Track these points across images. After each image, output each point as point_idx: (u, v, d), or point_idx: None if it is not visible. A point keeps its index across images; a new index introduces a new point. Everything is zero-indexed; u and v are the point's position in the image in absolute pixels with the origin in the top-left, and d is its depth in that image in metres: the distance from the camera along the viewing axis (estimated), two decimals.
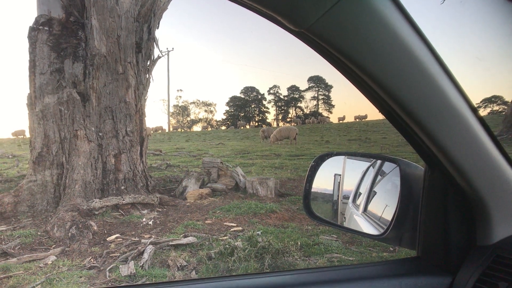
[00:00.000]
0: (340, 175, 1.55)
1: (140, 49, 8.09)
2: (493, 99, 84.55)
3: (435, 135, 0.92)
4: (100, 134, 7.49)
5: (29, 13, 28.92)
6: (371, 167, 1.55)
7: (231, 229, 5.70)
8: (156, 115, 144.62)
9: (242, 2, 0.68)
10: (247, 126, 79.15)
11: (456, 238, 1.13)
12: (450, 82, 0.88)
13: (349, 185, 1.59)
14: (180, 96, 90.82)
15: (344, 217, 1.57)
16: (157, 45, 8.70)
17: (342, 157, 1.57)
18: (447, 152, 0.95)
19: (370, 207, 1.49)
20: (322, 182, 1.55)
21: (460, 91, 0.90)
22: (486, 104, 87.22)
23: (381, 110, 0.94)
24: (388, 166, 1.39)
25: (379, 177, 1.50)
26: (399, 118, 0.93)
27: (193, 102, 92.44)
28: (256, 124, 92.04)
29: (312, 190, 1.50)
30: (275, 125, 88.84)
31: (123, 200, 6.87)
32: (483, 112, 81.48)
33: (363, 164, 1.59)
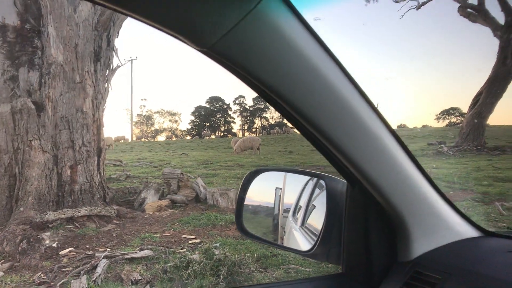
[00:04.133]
0: (281, 188, 1.56)
1: (99, 58, 7.96)
2: (451, 110, 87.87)
3: (348, 153, 0.93)
4: (56, 144, 7.28)
5: None
6: (311, 180, 1.56)
7: (189, 242, 5.65)
8: (119, 124, 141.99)
9: (144, 21, 0.68)
10: (212, 136, 78.84)
11: (378, 254, 1.15)
12: (362, 101, 0.89)
13: (290, 199, 1.60)
14: (144, 105, 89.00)
15: (284, 231, 1.58)
16: (116, 54, 8.59)
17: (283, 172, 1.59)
18: (362, 170, 0.96)
19: (307, 221, 1.50)
20: (265, 196, 1.56)
21: (374, 109, 0.92)
22: (444, 115, 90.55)
23: (297, 128, 0.94)
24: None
25: (317, 190, 1.50)
26: (313, 136, 0.94)
27: (158, 112, 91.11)
28: (222, 134, 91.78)
29: (254, 204, 1.50)
30: (240, 135, 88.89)
31: (79, 212, 6.68)
32: (441, 124, 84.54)
33: (303, 178, 1.60)
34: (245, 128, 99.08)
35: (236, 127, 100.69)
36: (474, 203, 7.88)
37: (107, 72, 8.38)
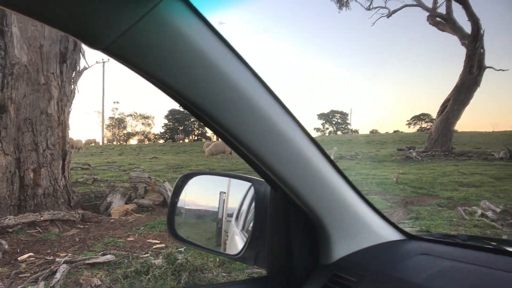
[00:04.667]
0: (225, 193, 1.57)
1: (65, 59, 7.80)
2: (421, 116, 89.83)
3: (262, 156, 0.92)
4: (18, 147, 7.09)
5: None
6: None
7: (154, 246, 5.60)
8: (90, 127, 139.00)
9: (35, 19, 0.65)
10: (186, 140, 78.18)
11: (300, 257, 1.16)
12: (274, 104, 0.89)
13: (234, 203, 1.60)
14: (116, 108, 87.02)
15: (227, 236, 1.59)
16: (83, 56, 8.46)
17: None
18: (277, 174, 0.96)
19: (247, 225, 1.52)
20: (210, 200, 1.56)
21: (288, 113, 0.92)
22: (415, 121, 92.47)
23: (214, 132, 0.91)
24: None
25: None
26: (229, 140, 0.93)
27: (130, 115, 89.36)
28: (196, 138, 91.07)
29: (198, 208, 1.50)
30: (214, 139, 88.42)
31: (41, 216, 6.52)
32: (412, 129, 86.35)
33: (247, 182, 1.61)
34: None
35: (210, 131, 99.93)
36: (438, 208, 8.09)
37: (74, 74, 8.22)
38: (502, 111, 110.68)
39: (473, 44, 22.15)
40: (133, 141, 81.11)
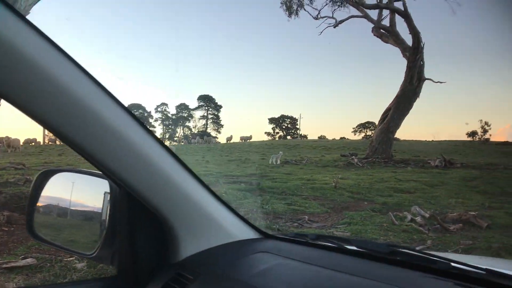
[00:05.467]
0: (109, 193, 1.49)
1: None
2: (367, 124, 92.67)
3: (95, 155, 0.89)
4: None
5: None
6: None
7: None
8: (31, 126, 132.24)
9: None
10: None
11: (147, 256, 1.16)
12: (110, 104, 0.87)
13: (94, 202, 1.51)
14: None
15: None
16: None
17: None
18: (114, 172, 0.94)
19: (103, 225, 1.45)
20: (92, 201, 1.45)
21: (128, 112, 0.91)
22: (360, 129, 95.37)
23: (51, 131, 0.85)
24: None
25: None
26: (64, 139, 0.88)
27: None
28: None
29: (76, 209, 1.41)
30: None
31: None
32: (358, 136, 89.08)
33: None
34: (167, 136, 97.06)
35: (157, 135, 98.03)
36: (372, 213, 8.33)
37: None
38: (442, 122, 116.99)
39: (414, 56, 23.24)
40: None
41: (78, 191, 1.42)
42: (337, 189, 10.93)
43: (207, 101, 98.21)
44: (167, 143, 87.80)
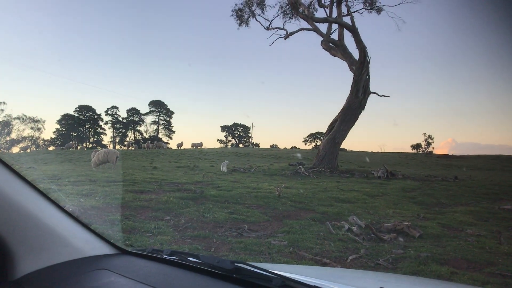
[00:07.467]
0: None
1: None
2: (317, 134, 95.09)
3: None
4: None
5: None
6: None
7: None
8: None
9: None
10: (78, 147, 73.71)
11: None
12: None
13: None
14: (2, 110, 77.69)
15: None
16: None
17: None
18: None
19: None
20: None
21: None
22: (311, 139, 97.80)
23: None
24: None
25: None
26: None
27: (18, 117, 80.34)
28: (90, 145, 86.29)
29: None
30: (111, 147, 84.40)
31: None
32: (308, 146, 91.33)
33: None
34: (117, 140, 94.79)
35: (107, 139, 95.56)
36: (311, 222, 8.31)
37: None
38: (388, 134, 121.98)
39: (360, 70, 23.94)
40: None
41: None
42: (281, 198, 10.90)
43: (158, 106, 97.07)
44: (117, 147, 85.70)
